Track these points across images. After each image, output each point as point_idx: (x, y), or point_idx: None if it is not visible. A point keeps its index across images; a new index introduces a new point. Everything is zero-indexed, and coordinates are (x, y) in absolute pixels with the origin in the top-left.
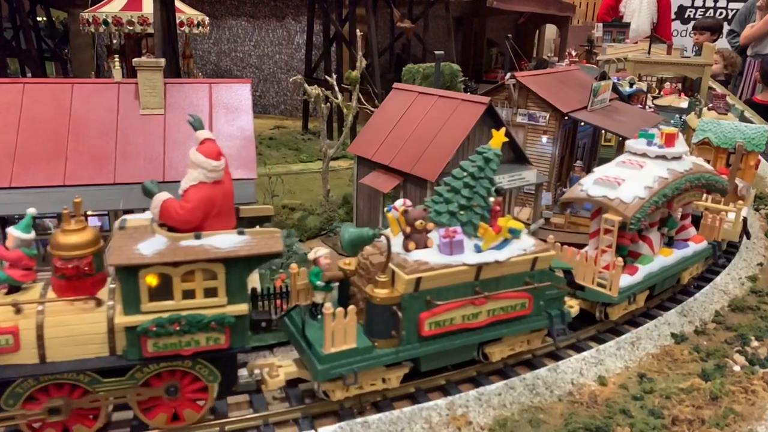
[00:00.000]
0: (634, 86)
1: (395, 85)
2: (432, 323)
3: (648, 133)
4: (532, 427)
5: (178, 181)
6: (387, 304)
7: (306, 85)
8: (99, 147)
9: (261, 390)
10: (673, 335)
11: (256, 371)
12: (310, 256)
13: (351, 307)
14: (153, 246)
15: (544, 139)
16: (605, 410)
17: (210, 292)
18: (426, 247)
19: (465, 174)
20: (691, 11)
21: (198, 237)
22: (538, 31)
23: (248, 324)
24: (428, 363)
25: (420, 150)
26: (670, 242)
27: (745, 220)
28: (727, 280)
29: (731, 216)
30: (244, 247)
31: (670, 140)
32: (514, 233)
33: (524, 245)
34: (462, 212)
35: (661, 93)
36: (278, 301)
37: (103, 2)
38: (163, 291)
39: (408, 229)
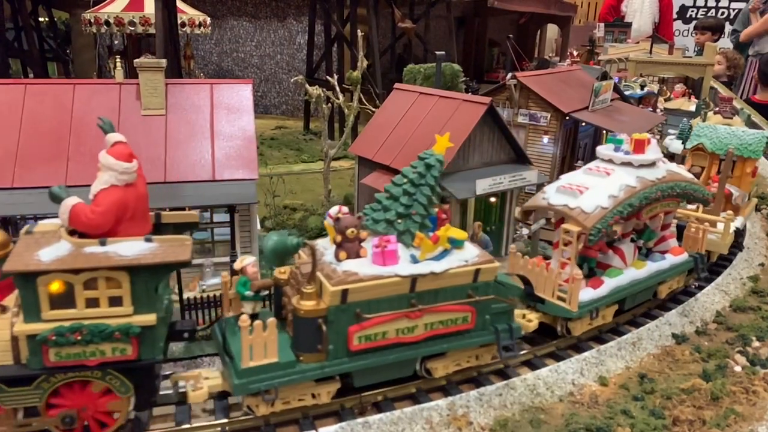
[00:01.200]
0: (645, 88)
1: (396, 85)
2: (362, 337)
3: (616, 139)
4: (532, 427)
5: (180, 182)
6: (312, 317)
7: (307, 86)
8: (100, 147)
9: (185, 402)
10: (674, 335)
11: (181, 383)
12: (237, 265)
13: (270, 320)
14: (55, 252)
15: (545, 139)
16: (606, 410)
17: (115, 301)
18: (359, 257)
19: (405, 181)
20: (692, 11)
21: (103, 243)
22: (539, 31)
23: (160, 335)
24: (361, 378)
25: (421, 150)
26: (648, 254)
27: (737, 231)
28: (729, 280)
29: (720, 226)
30: (149, 255)
31: (639, 146)
32: (455, 243)
33: (466, 256)
34: (399, 221)
35: (671, 96)
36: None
37: (104, 3)
38: (65, 299)
39: (339, 238)
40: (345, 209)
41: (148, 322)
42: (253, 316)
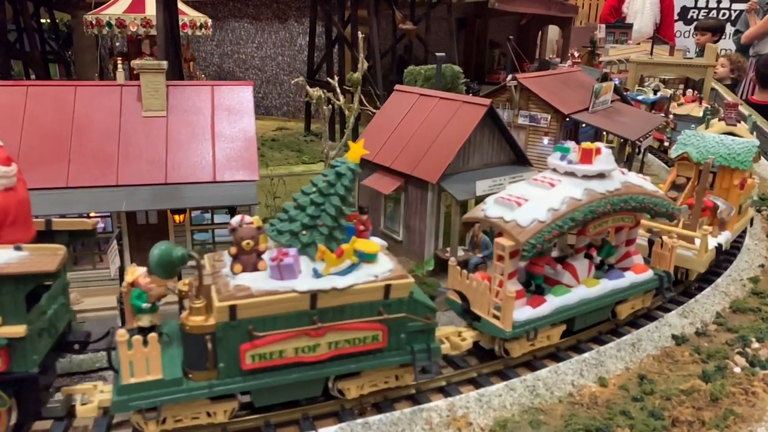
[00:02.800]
0: (659, 93)
1: (396, 86)
2: (255, 356)
3: (563, 147)
4: (532, 428)
5: (181, 183)
6: (199, 333)
7: (308, 87)
8: (102, 149)
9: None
10: (673, 336)
11: (76, 396)
12: (127, 278)
13: (151, 335)
14: None
15: (546, 140)
16: (605, 411)
17: None
18: (256, 270)
19: (313, 190)
20: (694, 12)
21: None
22: (540, 33)
23: (36, 346)
24: (262, 398)
25: (421, 152)
26: (609, 270)
27: (719, 247)
28: (729, 281)
29: (698, 242)
30: (15, 264)
31: (586, 156)
32: (365, 257)
33: (377, 271)
34: (305, 232)
35: (683, 101)
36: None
37: (106, 5)
38: None
39: (234, 250)
40: (248, 219)
41: (16, 333)
42: (151, 329)
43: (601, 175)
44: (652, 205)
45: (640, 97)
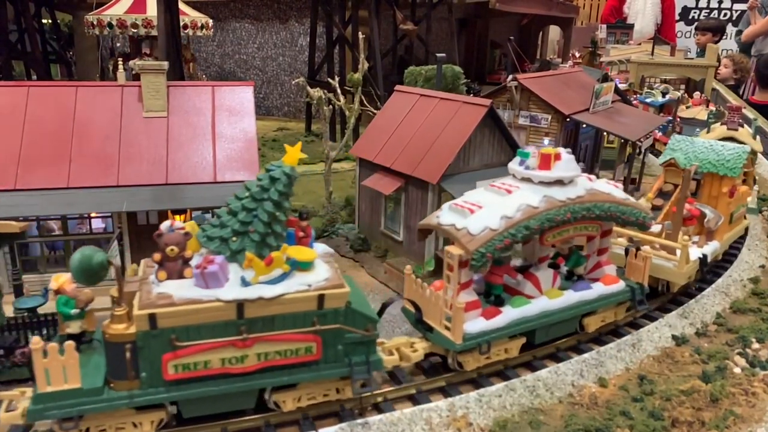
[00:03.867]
0: (667, 96)
1: (397, 87)
2: (178, 366)
3: (523, 152)
4: (532, 428)
5: (181, 184)
6: (119, 342)
7: (308, 88)
8: (102, 149)
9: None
10: (673, 337)
11: (3, 402)
12: (52, 285)
13: (68, 343)
14: None
15: (546, 140)
16: (605, 412)
17: None
18: (182, 277)
19: (246, 194)
20: (695, 12)
21: None
22: (541, 33)
23: None
24: (190, 409)
25: (422, 152)
26: (576, 281)
27: (703, 258)
28: (729, 282)
29: (679, 253)
30: None
31: (545, 162)
32: (298, 265)
33: (310, 280)
34: (235, 239)
35: (691, 104)
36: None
37: (107, 5)
38: None
39: (157, 256)
40: (179, 223)
41: None
42: (82, 335)
43: (562, 182)
44: (620, 213)
45: (648, 100)
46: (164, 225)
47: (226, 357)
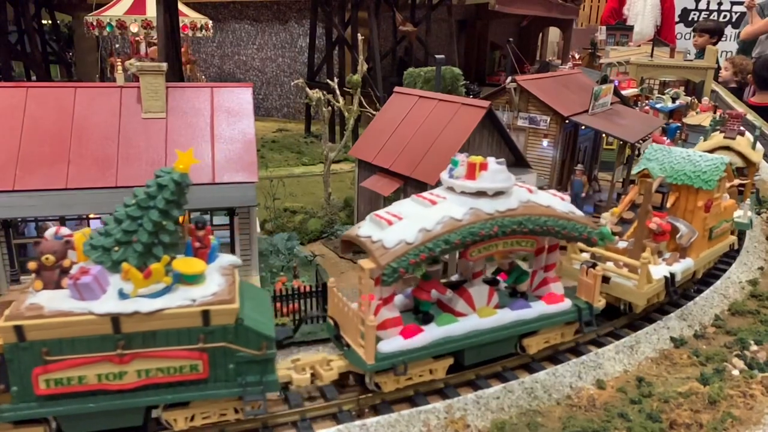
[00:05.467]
0: (677, 101)
1: (396, 89)
2: (50, 381)
3: (455, 159)
4: (530, 430)
5: None
6: None
7: (308, 89)
8: (101, 150)
9: None
10: (672, 339)
11: None
12: None
13: None
14: None
15: (545, 142)
16: (603, 414)
17: None
18: (59, 287)
19: (133, 202)
20: (695, 14)
21: None
22: (541, 34)
23: None
24: (71, 426)
25: (420, 154)
26: (514, 299)
27: (670, 277)
28: (728, 284)
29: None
30: None
31: (471, 171)
32: (183, 279)
33: (196, 294)
34: (117, 248)
35: (698, 110)
36: None
37: (107, 6)
38: None
39: (33, 265)
40: (64, 230)
41: None
42: None
43: (494, 193)
44: (559, 228)
45: (658, 105)
46: (48, 232)
47: (103, 373)
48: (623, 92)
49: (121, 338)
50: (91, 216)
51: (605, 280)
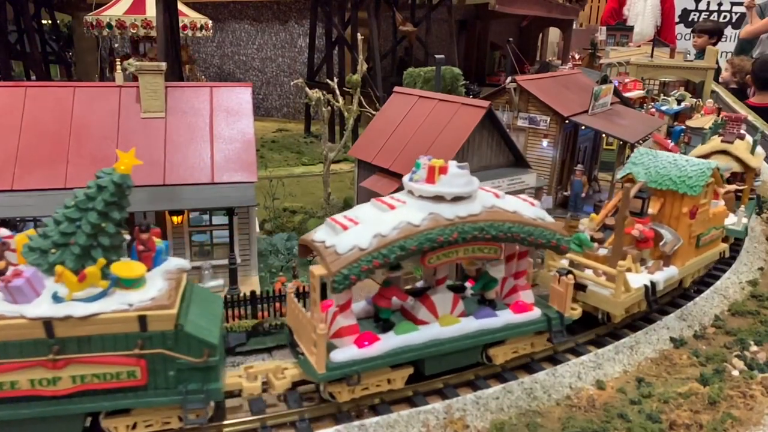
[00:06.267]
0: (683, 104)
1: (396, 88)
2: None
3: (417, 162)
4: (529, 431)
5: (179, 185)
6: None
7: (307, 89)
8: (100, 150)
9: None
10: (672, 339)
11: None
12: None
13: None
14: None
15: (545, 142)
16: (603, 414)
17: None
18: None
19: (72, 203)
20: (695, 15)
21: None
22: (541, 35)
23: None
24: None
25: (420, 153)
26: (493, 306)
27: (650, 286)
28: (728, 284)
29: (637, 279)
30: None
31: (430, 174)
32: (119, 283)
33: (134, 299)
34: (54, 251)
35: (703, 112)
36: None
37: (106, 6)
38: None
39: None
40: (4, 231)
41: None
42: None
43: (454, 198)
44: (525, 235)
45: (664, 108)
46: None
47: (36, 378)
48: (629, 94)
49: (55, 343)
50: None
51: (582, 288)
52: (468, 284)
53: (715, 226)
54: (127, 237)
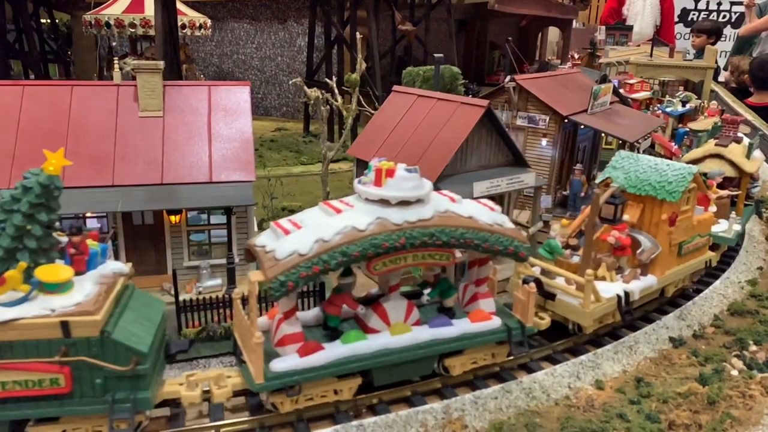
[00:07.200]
0: (688, 105)
1: (395, 87)
2: None
3: (369, 165)
4: (528, 430)
5: (177, 184)
6: None
7: (306, 88)
8: (98, 149)
9: None
10: (671, 339)
11: None
12: None
13: None
14: None
15: (544, 141)
16: (602, 414)
17: None
18: None
19: None
20: (694, 14)
21: None
22: (540, 34)
23: None
24: None
25: (419, 153)
26: (451, 315)
27: (624, 296)
28: (727, 284)
29: (607, 287)
30: None
31: (378, 177)
32: (42, 287)
33: (58, 304)
34: None
35: (706, 114)
36: None
37: (105, 5)
38: None
39: None
40: None
41: None
42: None
43: (399, 202)
44: (479, 241)
45: (668, 109)
46: None
47: None
48: (635, 96)
49: None
50: (88, 215)
51: (551, 296)
52: (426, 291)
53: (699, 234)
54: (64, 239)
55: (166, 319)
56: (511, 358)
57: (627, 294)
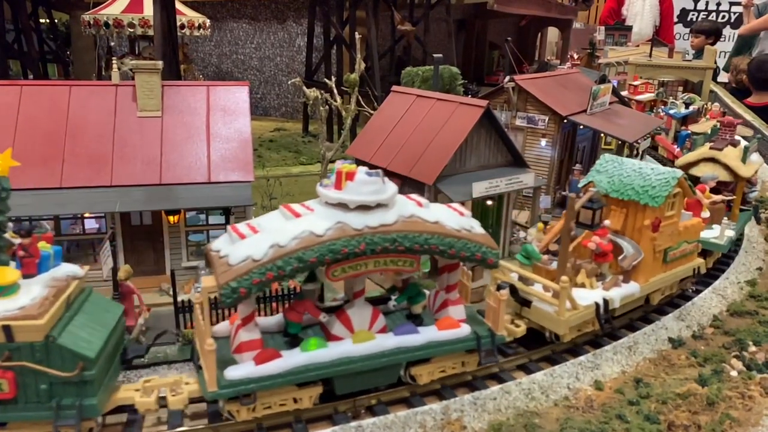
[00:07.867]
0: (691, 107)
1: (394, 88)
2: None
3: (333, 167)
4: (527, 431)
5: (175, 184)
6: None
7: (305, 88)
8: (96, 149)
9: None
10: (670, 340)
11: None
12: None
13: None
14: None
15: (543, 142)
16: (601, 415)
17: None
18: None
19: None
20: (693, 14)
21: None
22: (540, 34)
23: None
24: None
25: (418, 153)
26: (419, 322)
27: (602, 304)
28: (726, 284)
29: (587, 295)
30: None
31: (338, 180)
32: None
33: (2, 308)
34: None
35: (708, 116)
36: None
37: (104, 4)
38: None
39: None
40: None
41: None
42: None
43: (359, 206)
44: (445, 247)
45: (671, 111)
46: None
47: None
48: (640, 97)
49: None
50: (86, 215)
51: (527, 303)
52: (393, 297)
53: (687, 240)
54: (17, 241)
55: (124, 323)
56: (480, 367)
57: (606, 302)
